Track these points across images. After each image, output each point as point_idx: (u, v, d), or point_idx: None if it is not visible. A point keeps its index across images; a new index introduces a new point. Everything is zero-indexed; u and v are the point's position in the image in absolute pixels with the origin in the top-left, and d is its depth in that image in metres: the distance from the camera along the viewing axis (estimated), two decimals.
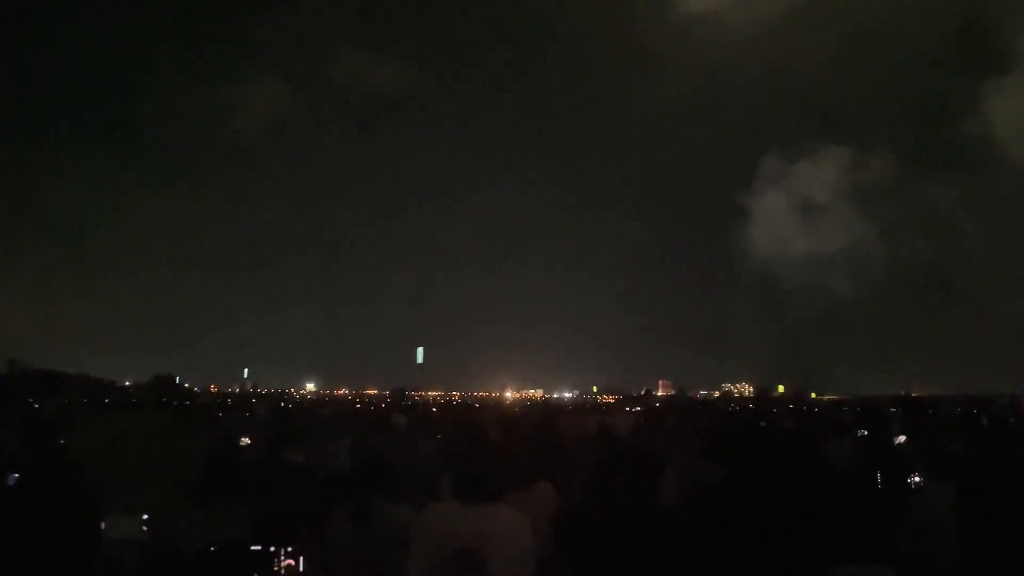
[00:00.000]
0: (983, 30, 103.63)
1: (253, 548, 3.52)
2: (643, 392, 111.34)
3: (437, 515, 3.93)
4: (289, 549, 3.55)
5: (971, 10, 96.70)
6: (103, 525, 4.37)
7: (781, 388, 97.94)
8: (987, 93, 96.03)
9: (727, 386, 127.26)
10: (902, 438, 8.26)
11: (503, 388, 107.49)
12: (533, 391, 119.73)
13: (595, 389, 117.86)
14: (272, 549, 3.53)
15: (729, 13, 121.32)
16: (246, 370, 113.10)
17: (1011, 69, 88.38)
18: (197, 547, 3.67)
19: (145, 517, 4.51)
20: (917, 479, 5.45)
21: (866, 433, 8.32)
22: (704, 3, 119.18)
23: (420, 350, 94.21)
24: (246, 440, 9.64)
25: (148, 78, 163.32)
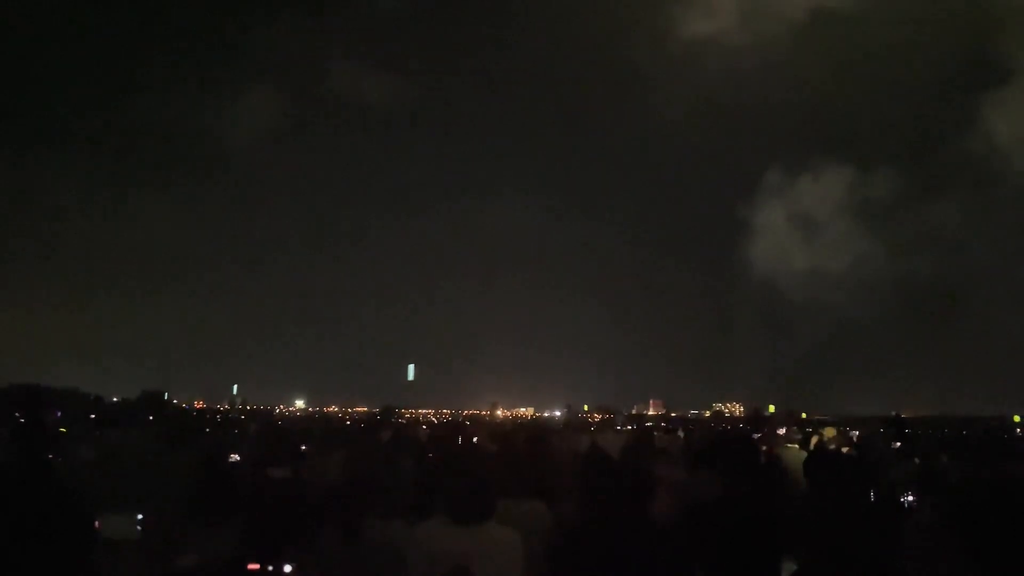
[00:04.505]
0: (982, 44, 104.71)
1: (251, 567, 3.45)
2: (633, 411, 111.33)
3: (429, 534, 3.91)
4: (287, 569, 3.48)
5: (969, 25, 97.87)
6: (97, 525, 4.30)
7: (772, 408, 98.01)
8: (988, 107, 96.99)
9: (717, 406, 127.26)
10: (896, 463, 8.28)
11: (494, 406, 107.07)
12: (524, 409, 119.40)
13: (586, 408, 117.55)
14: (271, 568, 3.46)
15: (730, 35, 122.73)
16: (235, 387, 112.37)
17: (1010, 82, 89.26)
18: (192, 559, 3.62)
19: (140, 517, 4.46)
20: (910, 498, 5.45)
21: (858, 452, 8.32)
22: (704, 26, 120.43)
23: (411, 367, 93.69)
24: (235, 456, 9.56)
25: (140, 87, 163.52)
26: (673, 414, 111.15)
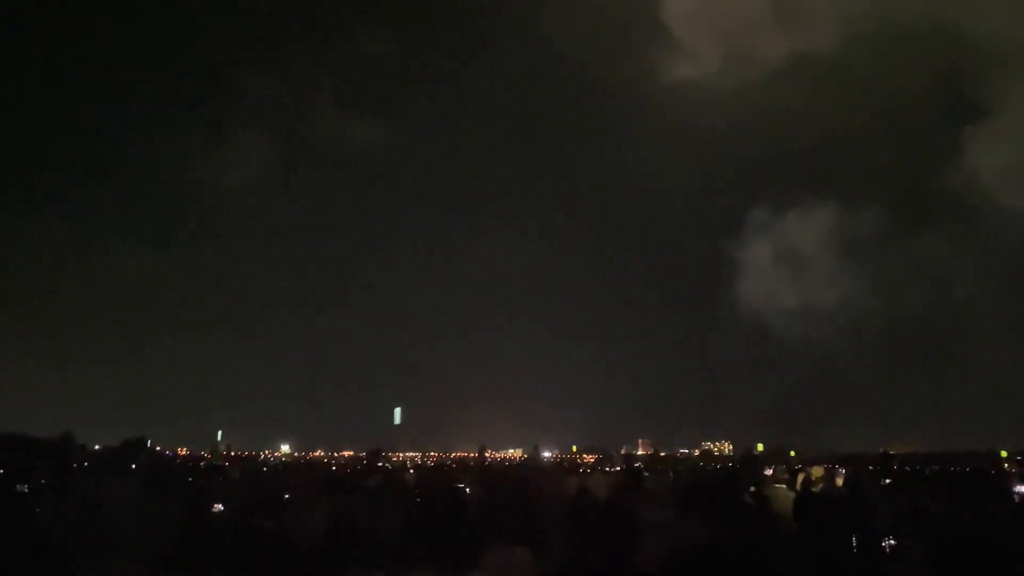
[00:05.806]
0: (960, 83, 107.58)
1: None
2: (623, 451, 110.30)
3: None
4: None
5: (947, 64, 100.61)
6: None
7: (760, 446, 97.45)
8: (968, 143, 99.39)
9: (707, 444, 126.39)
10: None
11: (482, 449, 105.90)
12: (512, 451, 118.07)
13: (575, 449, 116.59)
14: None
15: (713, 78, 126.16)
16: (219, 432, 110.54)
17: (989, 118, 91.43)
18: None
19: None
20: (891, 542, 5.43)
21: (847, 491, 8.29)
22: (688, 70, 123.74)
23: (397, 410, 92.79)
24: (219, 507, 9.43)
25: (126, 139, 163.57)
26: (663, 453, 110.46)
